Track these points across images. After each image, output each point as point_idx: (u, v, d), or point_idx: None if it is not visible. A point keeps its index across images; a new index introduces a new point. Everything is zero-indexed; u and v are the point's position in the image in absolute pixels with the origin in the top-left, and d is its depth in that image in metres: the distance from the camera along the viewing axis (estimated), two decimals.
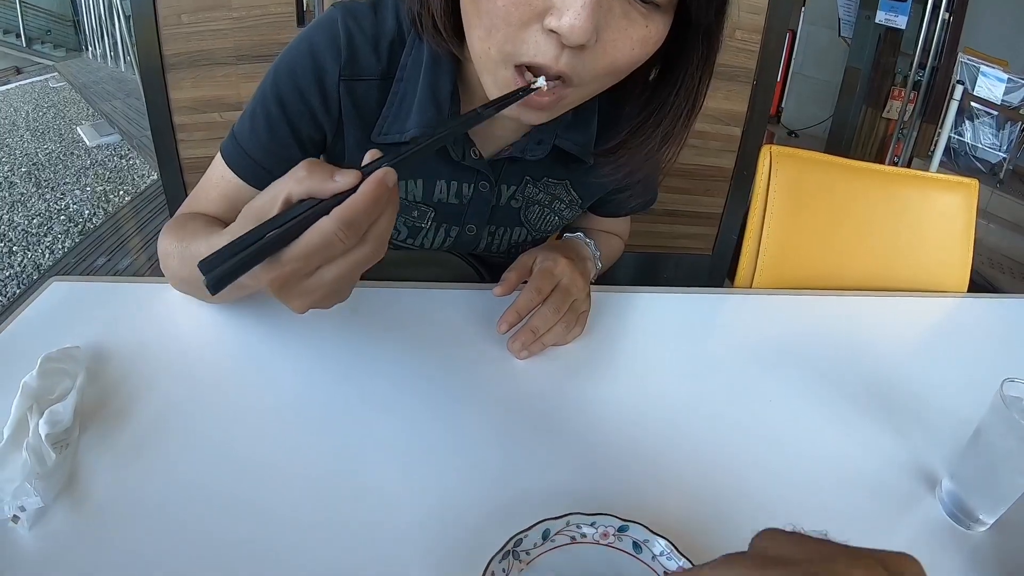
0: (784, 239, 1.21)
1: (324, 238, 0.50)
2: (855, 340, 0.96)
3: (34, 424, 0.62)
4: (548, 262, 0.83)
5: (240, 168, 0.82)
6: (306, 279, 0.53)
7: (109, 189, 3.76)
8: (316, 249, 0.50)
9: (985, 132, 4.35)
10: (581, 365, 0.83)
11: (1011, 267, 3.68)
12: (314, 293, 0.54)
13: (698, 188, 2.08)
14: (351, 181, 0.51)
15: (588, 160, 0.88)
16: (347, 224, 0.49)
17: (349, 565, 0.56)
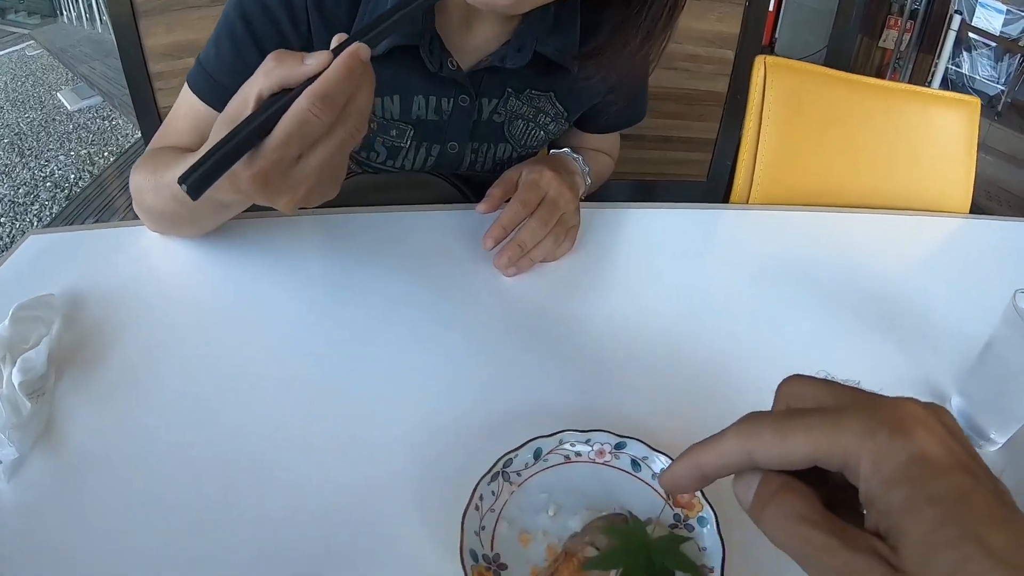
0: (780, 154, 1.18)
1: (300, 118, 0.48)
2: (856, 257, 0.93)
3: (7, 374, 0.60)
4: (534, 174, 0.80)
5: (208, 94, 0.79)
6: (289, 170, 0.51)
7: (94, 151, 3.72)
8: (294, 132, 0.48)
9: (983, 64, 4.27)
10: (572, 282, 0.81)
11: (1008, 199, 3.64)
12: (300, 185, 0.52)
13: (691, 113, 2.03)
14: (322, 62, 0.48)
15: (571, 67, 0.85)
16: (321, 99, 0.48)
17: (334, 492, 0.55)
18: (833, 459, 0.32)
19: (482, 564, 0.48)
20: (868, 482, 0.31)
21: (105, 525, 0.51)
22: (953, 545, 0.28)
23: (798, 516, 0.32)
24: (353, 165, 0.98)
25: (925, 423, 0.31)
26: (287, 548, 0.51)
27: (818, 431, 0.32)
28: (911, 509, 0.30)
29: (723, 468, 0.36)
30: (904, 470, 0.30)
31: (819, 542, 0.31)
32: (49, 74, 5.21)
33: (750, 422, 0.35)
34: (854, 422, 0.32)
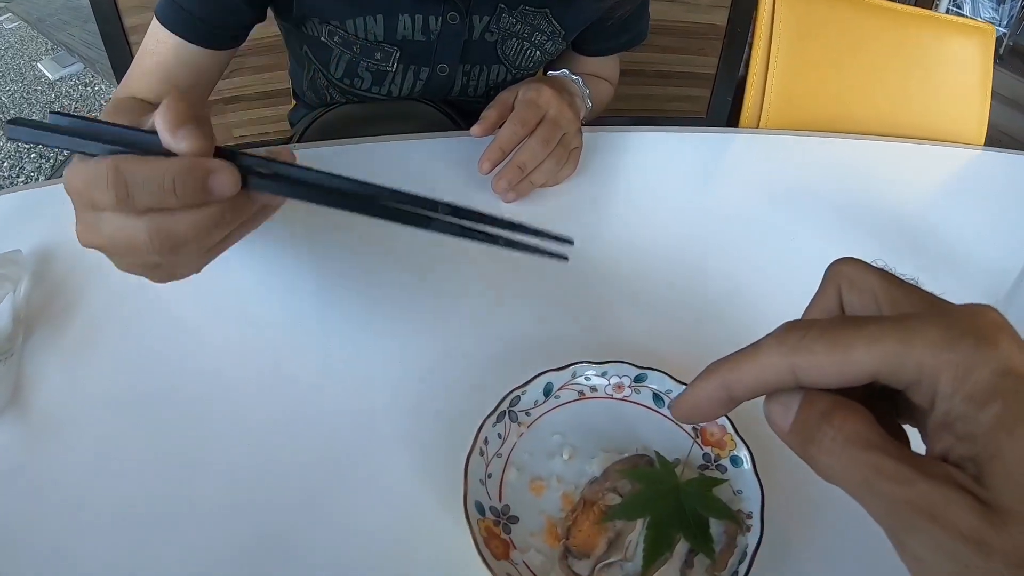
0: (789, 81, 1.14)
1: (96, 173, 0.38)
2: (872, 184, 0.90)
3: None
4: (532, 92, 0.75)
5: (175, 24, 0.74)
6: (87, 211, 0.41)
7: None
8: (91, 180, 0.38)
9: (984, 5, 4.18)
10: (575, 207, 0.77)
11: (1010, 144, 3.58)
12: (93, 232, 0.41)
13: (690, 47, 1.96)
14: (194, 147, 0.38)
15: None
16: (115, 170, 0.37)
17: (321, 438, 0.52)
18: (903, 374, 0.26)
19: (489, 517, 0.44)
20: (950, 399, 0.26)
21: (78, 489, 0.49)
22: None
23: (863, 441, 0.26)
24: (336, 95, 0.92)
25: (1009, 332, 0.27)
26: (272, 501, 0.48)
27: (885, 341, 0.27)
28: (1007, 428, 0.25)
29: (758, 388, 0.30)
30: (995, 384, 0.25)
31: (890, 470, 0.26)
32: (28, 45, 5.13)
33: (797, 333, 0.29)
34: (930, 329, 0.26)
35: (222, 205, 0.39)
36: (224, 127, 1.63)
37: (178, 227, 0.39)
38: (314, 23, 0.83)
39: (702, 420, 0.34)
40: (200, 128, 0.38)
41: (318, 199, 0.40)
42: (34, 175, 3.15)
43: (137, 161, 0.37)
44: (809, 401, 0.28)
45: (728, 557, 0.43)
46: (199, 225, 0.39)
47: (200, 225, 0.39)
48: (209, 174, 0.38)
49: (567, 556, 0.43)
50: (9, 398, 0.54)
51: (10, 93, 4.11)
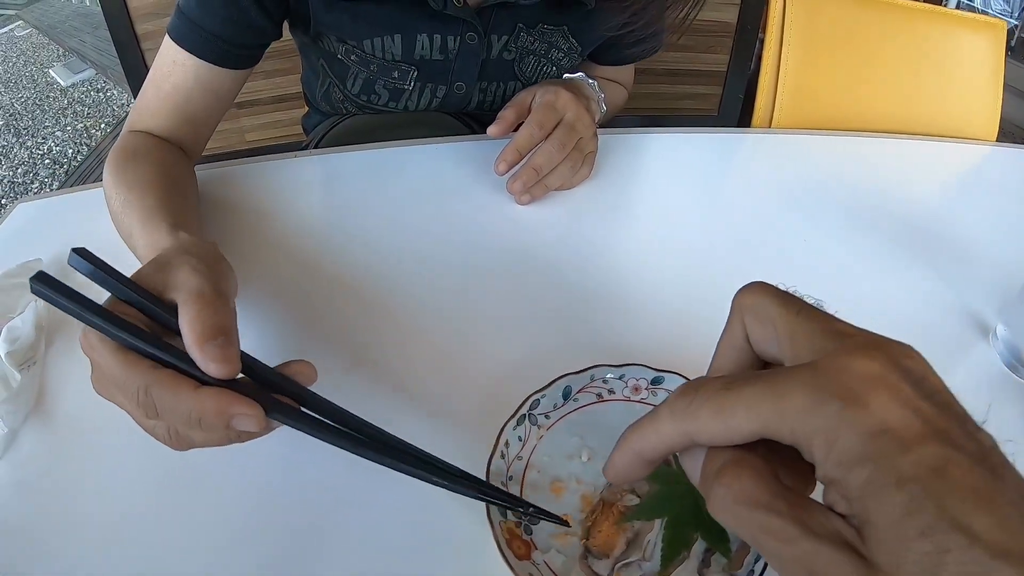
0: (801, 78, 1.14)
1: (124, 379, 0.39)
2: (884, 183, 0.89)
3: None
4: (549, 95, 0.75)
5: (193, 44, 0.73)
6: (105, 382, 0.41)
7: (90, 124, 3.70)
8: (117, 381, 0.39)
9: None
10: (590, 210, 0.77)
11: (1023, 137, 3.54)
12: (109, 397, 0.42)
13: (700, 45, 1.95)
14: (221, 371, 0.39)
15: (589, 2, 0.80)
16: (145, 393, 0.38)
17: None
18: (782, 437, 0.27)
19: (511, 519, 0.44)
20: (823, 465, 0.26)
21: (101, 497, 0.49)
22: (928, 535, 0.23)
23: (749, 500, 0.27)
24: (352, 108, 0.93)
25: (883, 382, 0.26)
26: (294, 506, 0.48)
27: (760, 406, 0.27)
28: (875, 494, 0.25)
29: (664, 452, 0.31)
30: (863, 448, 0.25)
31: (775, 528, 0.26)
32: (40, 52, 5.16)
33: (684, 399, 0.30)
34: (798, 395, 0.26)
35: (239, 432, 0.41)
36: (237, 131, 1.64)
37: (196, 439, 0.41)
38: (331, 40, 0.83)
39: (630, 481, 0.37)
40: (226, 344, 0.39)
41: (339, 444, 0.42)
42: (48, 181, 3.17)
43: (167, 388, 0.38)
44: (709, 458, 0.29)
45: (744, 556, 0.43)
46: (216, 442, 0.41)
47: (217, 442, 0.41)
48: (234, 417, 0.38)
49: (587, 556, 0.44)
50: (33, 405, 0.55)
51: (23, 100, 4.14)
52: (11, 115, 3.95)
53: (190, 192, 0.71)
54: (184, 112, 0.75)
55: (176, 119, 0.75)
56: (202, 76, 0.74)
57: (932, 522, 0.23)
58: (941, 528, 0.23)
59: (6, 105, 4.12)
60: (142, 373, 0.38)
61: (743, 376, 0.29)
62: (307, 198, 0.79)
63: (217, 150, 1.59)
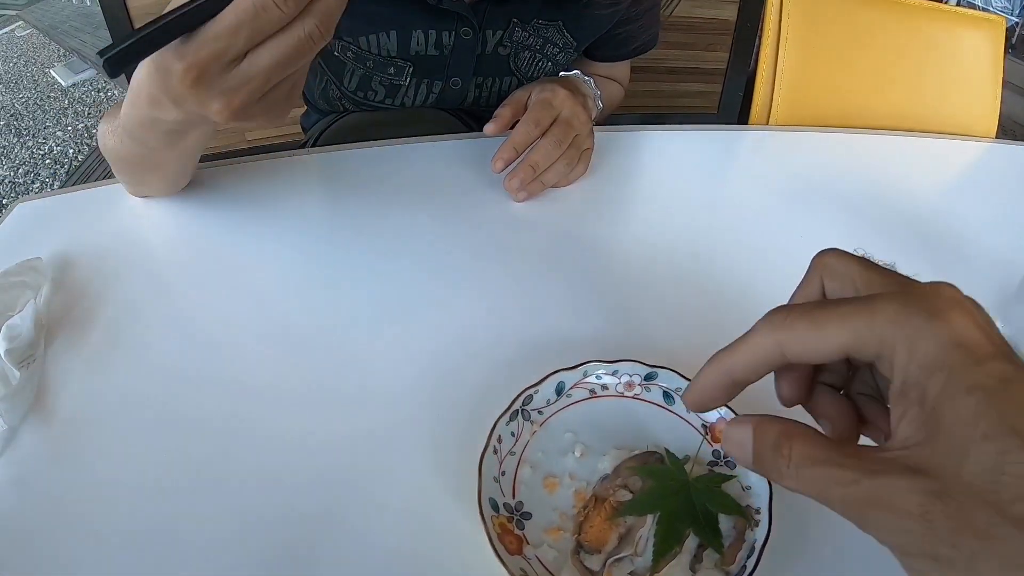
0: (799, 76, 1.14)
1: (257, 1, 0.40)
2: (883, 180, 0.89)
3: None
4: (546, 93, 0.76)
5: None
6: (231, 67, 0.43)
7: (91, 124, 3.69)
8: (245, 19, 0.41)
9: None
10: (586, 207, 0.78)
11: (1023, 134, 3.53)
12: (240, 89, 0.44)
13: (700, 43, 1.95)
14: None
15: None
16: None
17: (337, 440, 0.52)
18: (868, 347, 0.30)
19: (503, 514, 0.45)
20: (904, 369, 0.29)
21: (100, 495, 0.49)
22: (991, 437, 0.26)
23: (810, 460, 0.30)
24: (349, 105, 0.93)
25: (963, 307, 0.29)
26: (289, 503, 0.48)
27: (853, 319, 0.30)
28: (949, 397, 0.27)
29: (754, 367, 0.34)
30: (942, 355, 0.28)
31: (837, 478, 0.29)
32: (41, 52, 5.16)
33: (781, 314, 0.33)
34: (889, 307, 0.29)
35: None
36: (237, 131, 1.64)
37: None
38: None
39: (711, 406, 0.37)
40: None
41: None
42: (49, 181, 3.17)
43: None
44: (759, 436, 0.32)
45: (737, 551, 0.43)
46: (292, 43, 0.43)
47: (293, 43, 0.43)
48: None
49: (579, 551, 0.44)
50: (32, 403, 0.55)
51: (24, 100, 4.13)
52: (12, 115, 3.95)
53: None
54: None
55: None
56: None
57: (995, 426, 0.26)
58: (1002, 432, 0.26)
59: (7, 105, 4.12)
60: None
61: (835, 299, 0.33)
62: (305, 196, 0.79)
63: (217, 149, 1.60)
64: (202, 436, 0.53)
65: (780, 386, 0.36)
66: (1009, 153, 1.03)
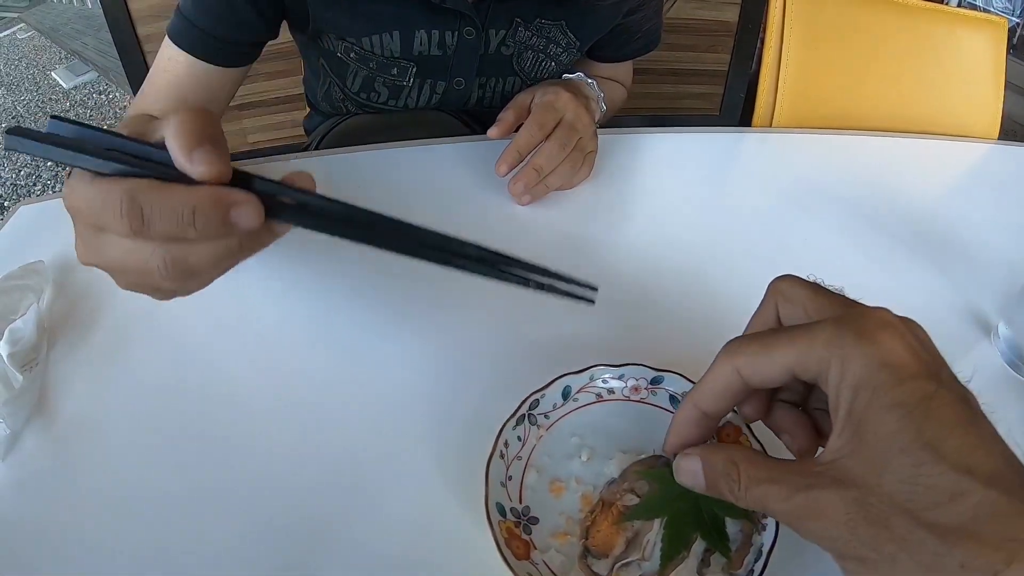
0: (802, 75, 1.14)
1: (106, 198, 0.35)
2: (887, 182, 0.89)
3: None
4: (549, 95, 0.76)
5: (188, 42, 0.75)
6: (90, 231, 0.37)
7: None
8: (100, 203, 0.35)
9: None
10: (591, 210, 0.77)
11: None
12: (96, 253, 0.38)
13: (701, 44, 1.95)
14: (211, 173, 0.35)
15: None
16: (130, 198, 0.34)
17: (343, 446, 0.52)
18: (810, 368, 0.33)
19: (510, 519, 0.44)
20: (836, 387, 0.32)
21: (103, 499, 0.49)
22: (908, 451, 0.29)
23: (755, 480, 0.34)
24: (352, 107, 0.93)
25: (893, 328, 0.32)
26: (294, 509, 0.48)
27: (797, 343, 0.34)
28: (873, 413, 0.31)
29: (719, 395, 0.37)
30: (868, 374, 0.31)
31: (777, 494, 0.33)
32: (42, 55, 5.16)
33: (736, 343, 0.37)
34: (825, 331, 0.33)
35: (240, 236, 0.37)
36: (239, 133, 1.64)
37: (193, 257, 0.37)
38: (330, 39, 0.84)
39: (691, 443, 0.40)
40: (216, 150, 0.36)
41: (344, 233, 0.39)
42: (51, 183, 3.17)
43: (154, 190, 0.34)
44: (708, 464, 0.37)
45: (744, 556, 0.43)
46: (216, 255, 0.37)
47: (217, 256, 0.37)
48: (232, 207, 0.35)
49: (586, 556, 0.44)
50: (34, 407, 0.55)
51: (25, 102, 4.14)
52: (13, 117, 3.95)
53: None
54: (180, 103, 0.76)
55: (173, 107, 0.75)
56: (196, 73, 0.75)
57: (912, 441, 0.29)
58: (917, 446, 0.29)
59: (8, 107, 4.12)
60: (126, 182, 0.34)
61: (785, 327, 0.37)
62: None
63: None
64: (204, 440, 0.53)
65: (741, 407, 0.40)
66: (1011, 154, 1.03)
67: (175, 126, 0.36)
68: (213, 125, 0.37)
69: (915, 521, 0.28)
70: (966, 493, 0.28)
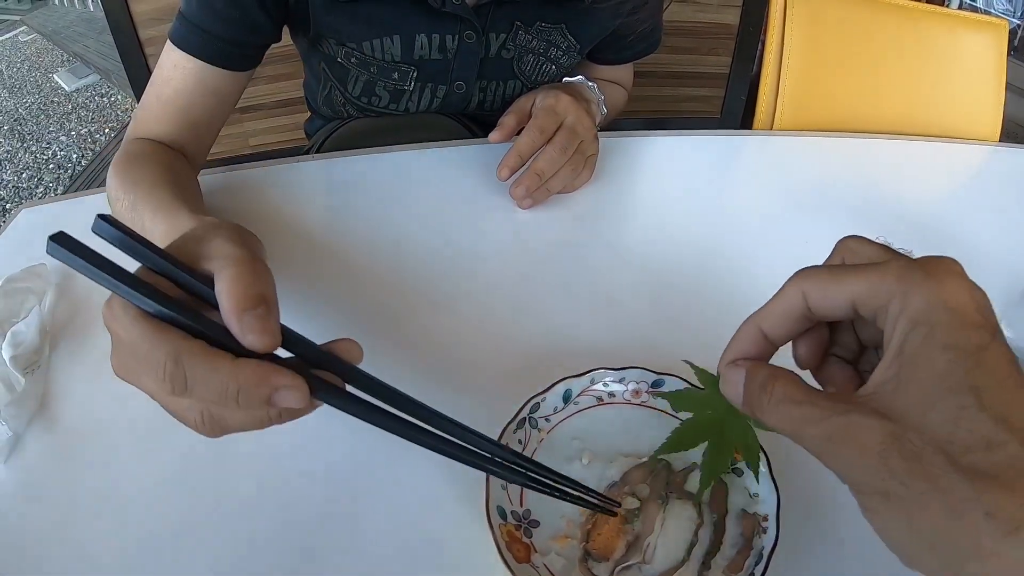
0: (803, 80, 1.14)
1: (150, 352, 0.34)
2: (887, 184, 0.89)
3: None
4: (550, 99, 0.75)
5: (194, 46, 0.73)
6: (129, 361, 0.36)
7: (94, 129, 3.71)
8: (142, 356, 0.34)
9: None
10: (592, 213, 0.77)
11: None
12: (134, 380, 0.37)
13: (702, 47, 1.95)
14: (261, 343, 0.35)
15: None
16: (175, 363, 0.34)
17: (342, 446, 0.52)
18: (875, 299, 0.33)
19: (511, 522, 0.44)
20: (895, 319, 0.32)
21: (105, 502, 0.49)
22: (954, 392, 0.29)
23: (789, 399, 0.33)
24: (353, 111, 0.93)
25: (961, 278, 0.32)
26: (294, 512, 0.48)
27: (867, 273, 0.33)
28: (927, 350, 0.30)
29: (781, 317, 0.37)
30: (929, 312, 0.31)
31: (810, 415, 0.32)
32: (44, 57, 5.18)
33: (808, 269, 0.37)
34: (897, 266, 0.33)
35: (279, 410, 0.37)
36: (241, 136, 1.64)
37: (231, 421, 0.37)
38: (331, 43, 0.84)
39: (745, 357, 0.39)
40: (268, 316, 0.35)
41: (384, 425, 0.39)
42: (52, 185, 3.18)
43: (199, 359, 0.34)
44: (750, 377, 0.36)
45: (745, 558, 0.43)
46: (253, 422, 0.37)
47: (254, 422, 0.37)
48: (276, 390, 0.35)
49: (587, 559, 0.44)
50: (36, 409, 0.55)
51: (27, 105, 4.16)
52: (16, 120, 3.97)
53: (198, 191, 0.71)
54: (186, 116, 0.75)
55: (178, 124, 0.75)
56: (203, 78, 0.74)
57: (959, 384, 0.29)
58: (963, 390, 0.29)
59: (11, 110, 4.13)
60: (172, 341, 0.34)
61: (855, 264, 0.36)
62: (310, 202, 0.79)
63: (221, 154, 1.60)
64: (206, 442, 0.52)
65: (797, 346, 0.39)
66: (1013, 157, 1.03)
67: (228, 280, 0.35)
68: (267, 285, 0.37)
69: (950, 462, 0.28)
70: (1003, 444, 0.28)
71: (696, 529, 0.45)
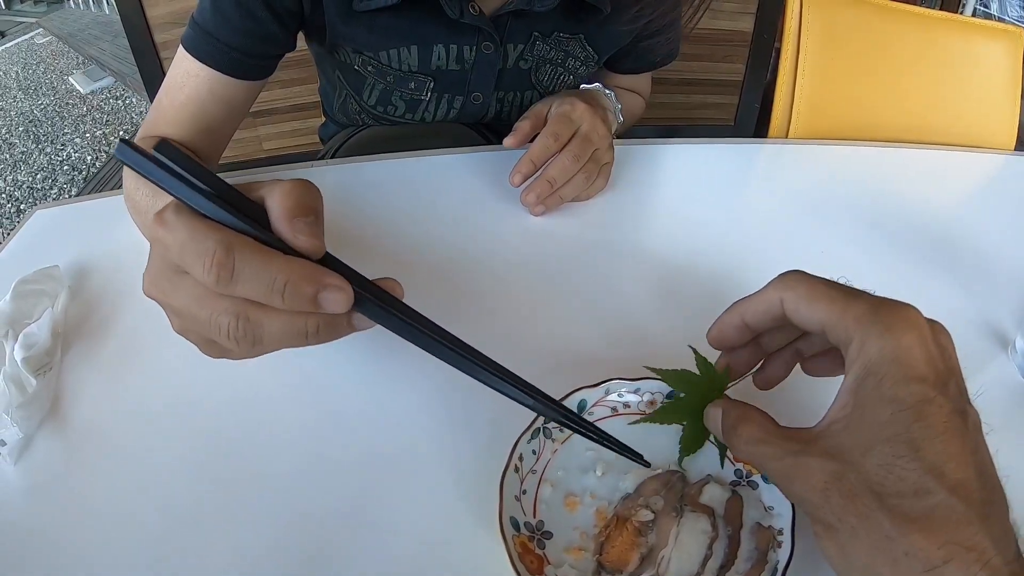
0: (818, 85, 1.13)
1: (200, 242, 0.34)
2: (903, 193, 0.88)
3: (10, 350, 0.58)
4: (565, 106, 0.75)
5: (208, 55, 0.73)
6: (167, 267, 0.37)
7: (108, 131, 3.73)
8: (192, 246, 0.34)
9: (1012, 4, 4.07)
10: (606, 222, 0.77)
11: None
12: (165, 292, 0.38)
13: (716, 54, 1.95)
14: (310, 246, 0.36)
15: (604, 7, 0.79)
16: (227, 250, 0.33)
17: (355, 456, 0.52)
18: (836, 333, 0.37)
19: (524, 533, 0.44)
20: (852, 362, 0.36)
21: (115, 504, 0.49)
22: (891, 442, 0.33)
23: (753, 440, 0.39)
24: (369, 119, 0.93)
25: (918, 331, 0.35)
26: (305, 520, 0.48)
27: (837, 304, 0.37)
28: (873, 400, 0.34)
29: (761, 312, 0.42)
30: (880, 364, 0.34)
31: (771, 455, 0.37)
32: (60, 60, 5.23)
33: (792, 276, 0.41)
34: (862, 308, 0.36)
35: (319, 319, 0.36)
36: (255, 140, 1.65)
37: (267, 327, 0.36)
38: (347, 52, 0.83)
39: (726, 344, 0.46)
40: (317, 224, 0.36)
41: (423, 343, 0.39)
42: (67, 187, 3.20)
43: (252, 249, 0.34)
44: (725, 416, 0.42)
45: (759, 572, 0.42)
46: (289, 332, 0.36)
47: (290, 332, 0.36)
48: (324, 288, 0.35)
49: (600, 571, 0.43)
50: (48, 411, 0.55)
51: (43, 107, 4.19)
52: (31, 121, 4.00)
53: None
54: (200, 122, 0.75)
55: (190, 128, 0.75)
56: (216, 87, 0.74)
57: (897, 435, 0.33)
58: (901, 440, 0.32)
59: (26, 111, 4.17)
60: (225, 232, 0.34)
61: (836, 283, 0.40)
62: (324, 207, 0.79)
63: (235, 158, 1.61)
64: (217, 446, 0.52)
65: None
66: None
67: (280, 192, 0.36)
68: (316, 200, 0.38)
69: (879, 503, 0.32)
70: (930, 492, 0.31)
71: (711, 542, 0.44)
